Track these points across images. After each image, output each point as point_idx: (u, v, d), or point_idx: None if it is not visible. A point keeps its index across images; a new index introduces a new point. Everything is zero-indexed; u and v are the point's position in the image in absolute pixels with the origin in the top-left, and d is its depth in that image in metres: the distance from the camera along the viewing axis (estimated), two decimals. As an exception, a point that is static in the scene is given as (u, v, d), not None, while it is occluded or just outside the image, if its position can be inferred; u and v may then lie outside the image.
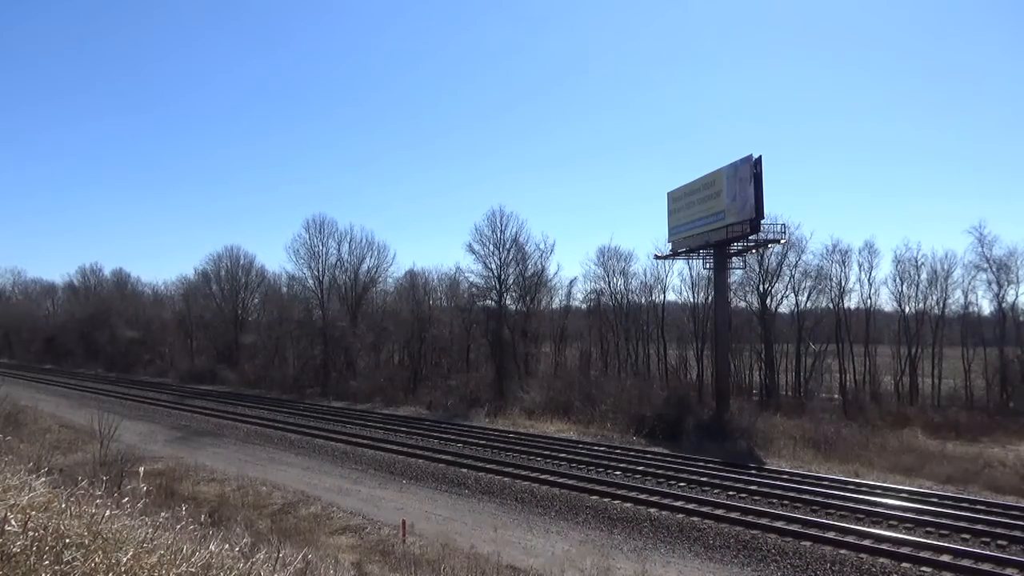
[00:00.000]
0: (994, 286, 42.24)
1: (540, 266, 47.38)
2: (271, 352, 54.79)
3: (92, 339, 70.63)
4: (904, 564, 12.99)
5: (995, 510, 16.80)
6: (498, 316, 44.76)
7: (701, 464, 22.34)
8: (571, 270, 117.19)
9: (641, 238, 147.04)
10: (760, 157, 29.87)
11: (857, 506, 16.79)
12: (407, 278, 55.16)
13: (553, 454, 23.92)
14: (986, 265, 42.25)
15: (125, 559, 4.20)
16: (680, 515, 16.41)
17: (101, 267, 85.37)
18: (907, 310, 44.16)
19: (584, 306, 53.16)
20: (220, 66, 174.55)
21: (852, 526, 15.19)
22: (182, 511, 6.58)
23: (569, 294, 52.65)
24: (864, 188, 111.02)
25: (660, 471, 21.11)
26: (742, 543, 14.57)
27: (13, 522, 4.15)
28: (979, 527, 15.02)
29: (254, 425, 31.53)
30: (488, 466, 21.87)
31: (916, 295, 44.01)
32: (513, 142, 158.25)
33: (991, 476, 22.26)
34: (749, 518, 15.91)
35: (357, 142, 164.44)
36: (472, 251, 45.67)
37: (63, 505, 5.21)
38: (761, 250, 37.24)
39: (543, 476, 20.38)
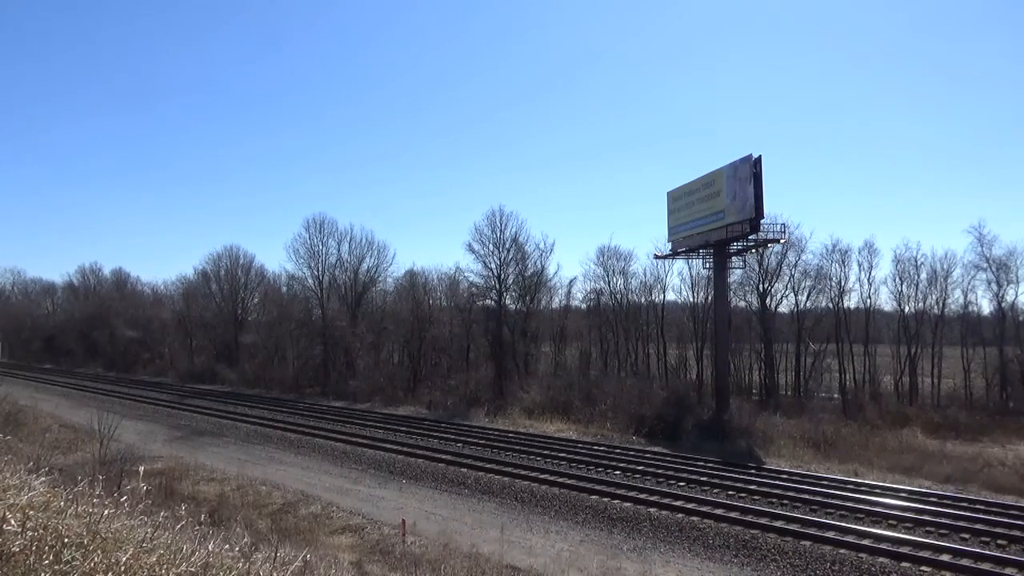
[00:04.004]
0: (994, 286, 42.35)
1: (540, 266, 47.48)
2: (271, 352, 54.78)
3: (92, 339, 70.62)
4: (904, 564, 12.99)
5: (994, 510, 16.81)
6: (498, 316, 44.76)
7: (701, 464, 22.35)
8: (571, 270, 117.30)
9: (641, 238, 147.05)
10: (760, 157, 29.92)
11: (857, 506, 16.79)
12: (407, 278, 55.22)
13: (553, 454, 23.93)
14: (986, 265, 42.34)
15: (124, 558, 4.19)
16: (680, 515, 16.41)
17: (101, 267, 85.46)
18: (907, 310, 44.24)
19: (584, 306, 53.22)
20: (220, 66, 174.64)
21: (851, 526, 15.19)
22: (182, 511, 6.58)
23: (569, 294, 52.75)
24: (864, 188, 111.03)
25: (660, 471, 21.12)
26: (742, 542, 14.58)
27: (12, 521, 4.14)
28: (978, 527, 15.03)
29: (254, 425, 31.53)
30: (488, 466, 21.87)
31: (916, 295, 44.10)
32: (513, 142, 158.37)
33: (991, 476, 22.27)
34: (749, 518, 15.92)
35: (357, 142, 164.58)
36: (472, 251, 45.76)
37: (62, 505, 5.20)
38: (761, 250, 37.23)
39: (543, 476, 20.39)
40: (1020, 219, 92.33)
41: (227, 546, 5.44)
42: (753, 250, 35.32)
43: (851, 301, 45.63)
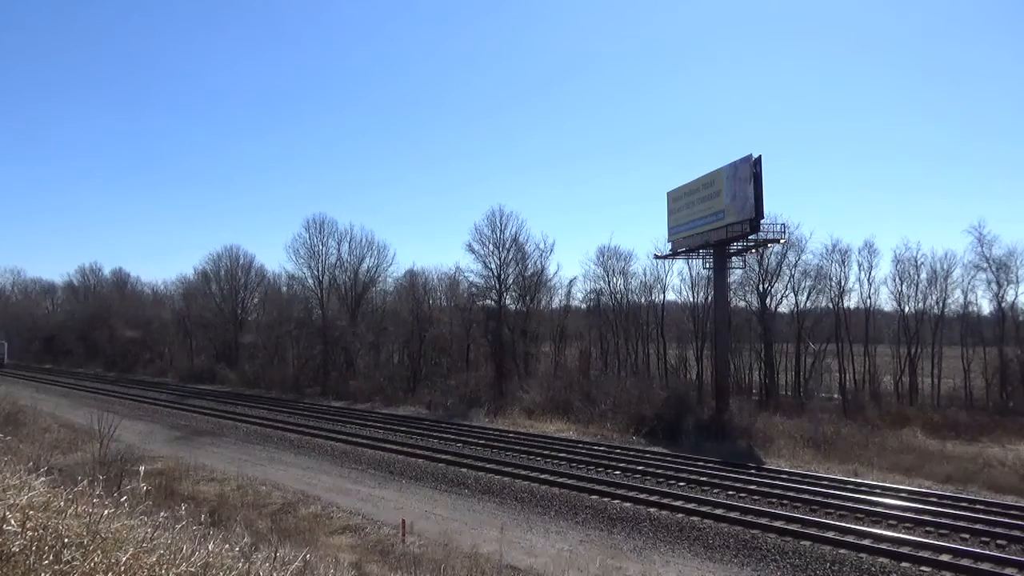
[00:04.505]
0: (993, 286, 42.36)
1: (540, 266, 47.51)
2: (271, 352, 54.80)
3: (92, 339, 70.65)
4: (904, 564, 12.99)
5: (994, 510, 16.80)
6: (498, 316, 44.77)
7: (701, 464, 22.35)
8: (571, 270, 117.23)
9: (641, 238, 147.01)
10: (760, 157, 29.93)
11: (856, 506, 16.79)
12: (407, 278, 55.26)
13: (553, 454, 23.92)
14: (985, 265, 42.34)
15: (124, 558, 4.19)
16: (680, 515, 16.41)
17: (101, 267, 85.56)
18: (907, 310, 44.26)
19: (584, 306, 53.24)
20: (220, 66, 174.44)
21: (851, 526, 15.19)
22: (182, 511, 6.57)
23: (569, 294, 52.74)
24: (864, 188, 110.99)
25: (660, 471, 21.12)
26: (742, 543, 14.58)
27: (12, 522, 4.14)
28: (979, 527, 15.03)
29: (254, 425, 31.53)
30: (488, 466, 21.87)
31: (916, 295, 44.12)
32: (513, 142, 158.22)
33: (991, 476, 22.26)
34: (749, 518, 15.92)
35: (357, 142, 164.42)
36: (472, 251, 45.80)
37: (62, 505, 5.20)
38: (761, 250, 37.25)
39: (543, 476, 20.39)
40: (1020, 219, 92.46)
41: (227, 546, 5.45)
42: (753, 250, 35.33)
43: (851, 301, 45.75)
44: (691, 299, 47.76)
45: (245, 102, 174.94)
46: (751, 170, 29.98)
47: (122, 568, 4.11)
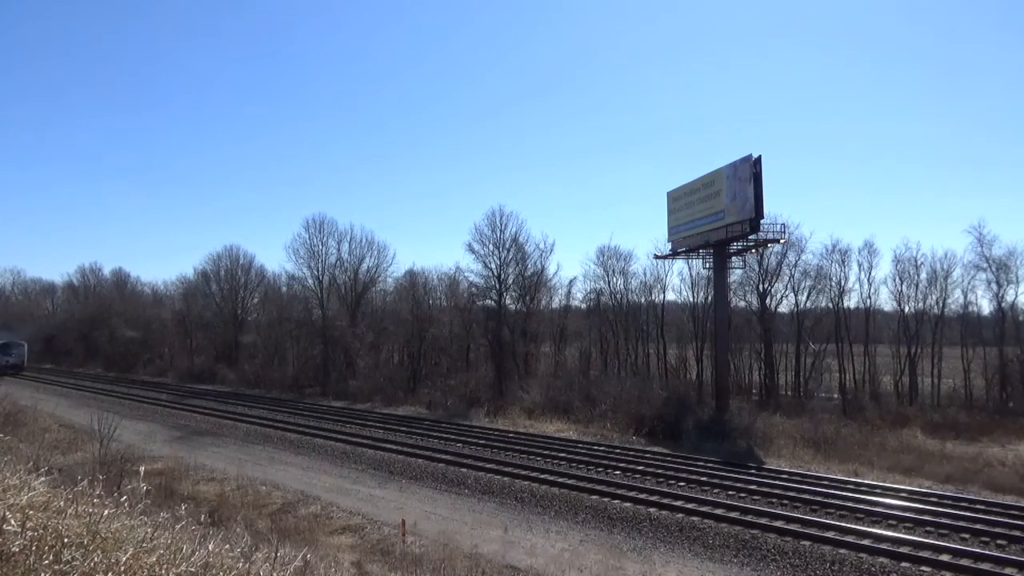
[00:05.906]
0: (993, 286, 42.37)
1: (540, 266, 47.54)
2: (271, 352, 54.82)
3: (92, 339, 70.63)
4: (903, 564, 12.98)
5: (994, 510, 16.80)
6: (498, 316, 44.76)
7: (701, 464, 22.34)
8: (571, 270, 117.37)
9: (641, 238, 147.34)
10: (760, 157, 29.94)
11: (857, 506, 16.78)
12: (407, 278, 55.30)
13: (553, 454, 23.92)
14: (985, 265, 42.36)
15: (124, 558, 4.19)
16: (680, 515, 16.40)
17: (101, 267, 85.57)
18: (907, 310, 44.25)
19: (584, 306, 53.25)
20: (220, 66, 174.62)
21: (851, 526, 15.19)
22: (182, 510, 6.57)
23: (569, 294, 52.78)
24: (864, 188, 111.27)
25: (660, 471, 21.11)
26: (742, 542, 14.57)
27: (12, 521, 4.13)
28: (978, 527, 15.02)
29: (254, 425, 31.53)
30: (488, 466, 21.87)
31: (916, 295, 44.13)
32: (513, 142, 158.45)
33: (990, 476, 22.28)
34: (749, 518, 15.91)
35: (357, 142, 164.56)
36: (472, 251, 45.81)
37: (62, 505, 5.20)
38: (761, 250, 37.25)
39: (543, 476, 20.38)
40: (1020, 219, 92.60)
41: (227, 546, 5.44)
42: (753, 250, 35.34)
43: (851, 301, 45.77)
44: (691, 299, 47.85)
45: (245, 102, 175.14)
46: (751, 170, 29.98)
47: (122, 568, 4.10)
